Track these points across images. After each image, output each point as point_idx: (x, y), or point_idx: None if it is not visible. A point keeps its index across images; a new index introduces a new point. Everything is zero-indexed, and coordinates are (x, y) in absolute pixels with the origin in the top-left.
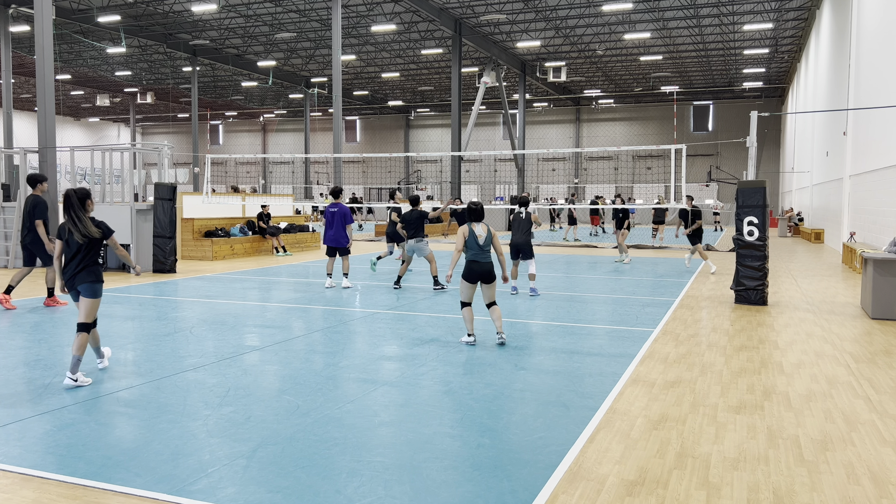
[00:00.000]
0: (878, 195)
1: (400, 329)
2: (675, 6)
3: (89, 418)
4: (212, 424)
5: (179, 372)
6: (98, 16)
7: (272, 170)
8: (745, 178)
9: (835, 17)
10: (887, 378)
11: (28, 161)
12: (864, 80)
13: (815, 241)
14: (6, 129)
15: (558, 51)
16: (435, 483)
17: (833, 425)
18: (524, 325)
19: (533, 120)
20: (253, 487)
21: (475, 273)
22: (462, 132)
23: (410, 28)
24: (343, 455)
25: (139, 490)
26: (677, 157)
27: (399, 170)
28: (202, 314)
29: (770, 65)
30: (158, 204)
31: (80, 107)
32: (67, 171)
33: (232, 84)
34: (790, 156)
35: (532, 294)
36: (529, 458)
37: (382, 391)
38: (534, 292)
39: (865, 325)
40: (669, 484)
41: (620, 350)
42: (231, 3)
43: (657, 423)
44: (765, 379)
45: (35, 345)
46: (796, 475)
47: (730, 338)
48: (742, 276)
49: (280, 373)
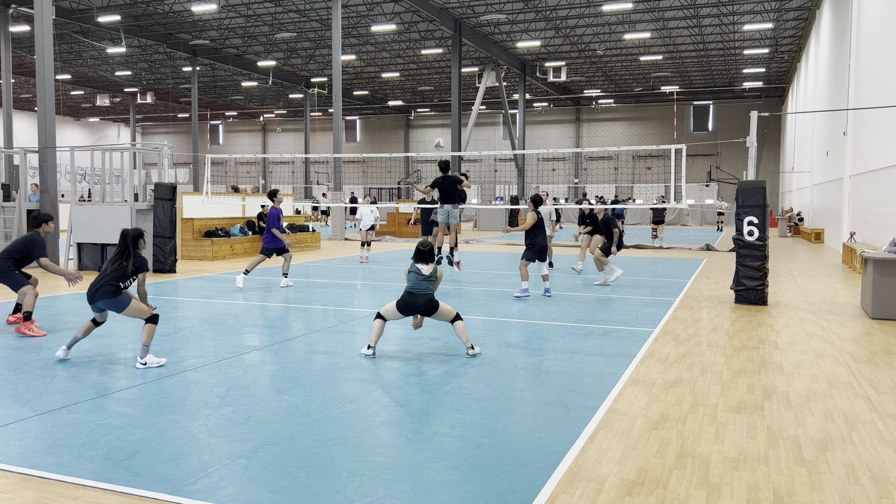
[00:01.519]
0: (878, 195)
1: (400, 329)
2: (675, 6)
3: (89, 418)
4: (212, 424)
5: (179, 372)
6: (98, 16)
7: (272, 170)
8: (745, 178)
9: (835, 18)
10: (887, 378)
11: (28, 161)
12: (864, 80)
13: (815, 241)
14: (6, 129)
15: (558, 51)
16: (435, 483)
17: (833, 425)
18: (524, 325)
19: (533, 120)
20: (253, 487)
21: (410, 306)
22: (462, 132)
23: (410, 28)
24: (343, 455)
25: (139, 490)
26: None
27: (399, 170)
28: (202, 314)
29: (770, 65)
30: (158, 204)
31: (80, 107)
32: (67, 171)
33: (232, 84)
34: (790, 156)
35: (546, 294)
36: (529, 458)
37: (382, 391)
38: (548, 292)
39: (865, 325)
40: (669, 484)
41: (620, 350)
42: (231, 3)
43: (657, 423)
44: (765, 379)
45: (35, 345)
46: (796, 475)
47: (730, 338)
48: (742, 276)
49: (280, 373)
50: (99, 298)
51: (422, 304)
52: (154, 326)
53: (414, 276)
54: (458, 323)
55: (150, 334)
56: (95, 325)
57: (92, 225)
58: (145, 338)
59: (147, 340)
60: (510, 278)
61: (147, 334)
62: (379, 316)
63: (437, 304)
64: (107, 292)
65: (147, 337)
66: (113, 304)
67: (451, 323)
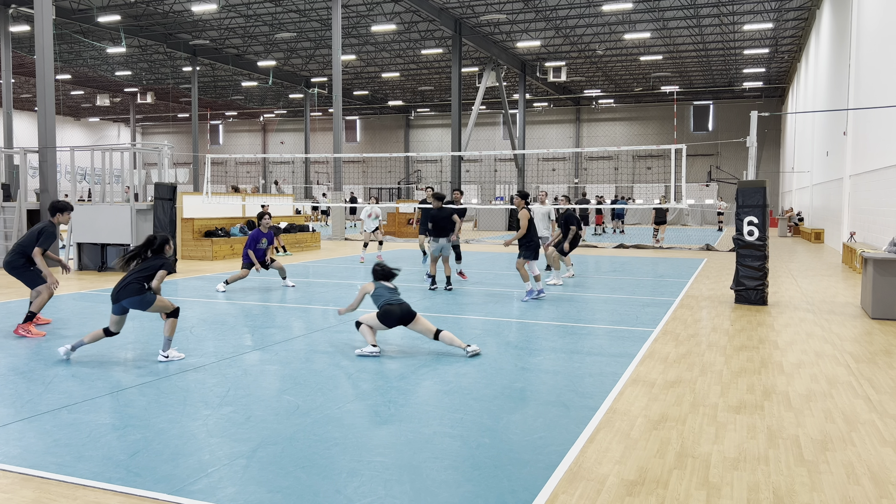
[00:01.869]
0: (878, 195)
1: (400, 328)
2: (675, 6)
3: (89, 418)
4: (212, 424)
5: (179, 372)
6: (98, 16)
7: (272, 170)
8: (745, 177)
9: (835, 18)
10: (887, 378)
11: (28, 161)
12: (864, 80)
13: (815, 241)
14: (6, 129)
15: (558, 51)
16: (435, 483)
17: (833, 425)
18: (524, 325)
19: (533, 120)
20: (253, 487)
21: (391, 316)
22: (462, 132)
23: (410, 28)
24: (343, 455)
25: (139, 490)
26: (677, 156)
27: (399, 170)
28: (202, 314)
29: (770, 65)
30: (158, 204)
31: (80, 107)
32: (67, 170)
33: (232, 84)
34: (790, 156)
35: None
36: (529, 458)
37: (382, 391)
38: (541, 293)
39: (865, 325)
40: (669, 484)
41: (620, 350)
42: (231, 3)
43: (657, 422)
44: (765, 379)
45: (35, 345)
46: (796, 475)
47: (730, 338)
48: (742, 275)
49: (280, 373)
50: (124, 296)
51: (402, 313)
52: (176, 320)
53: (383, 291)
54: (443, 334)
55: (172, 328)
56: (107, 334)
57: (92, 225)
58: (168, 332)
59: (169, 334)
60: (510, 278)
61: (169, 328)
62: (359, 324)
63: (416, 314)
64: (132, 290)
65: (169, 331)
66: (139, 303)
67: (436, 339)
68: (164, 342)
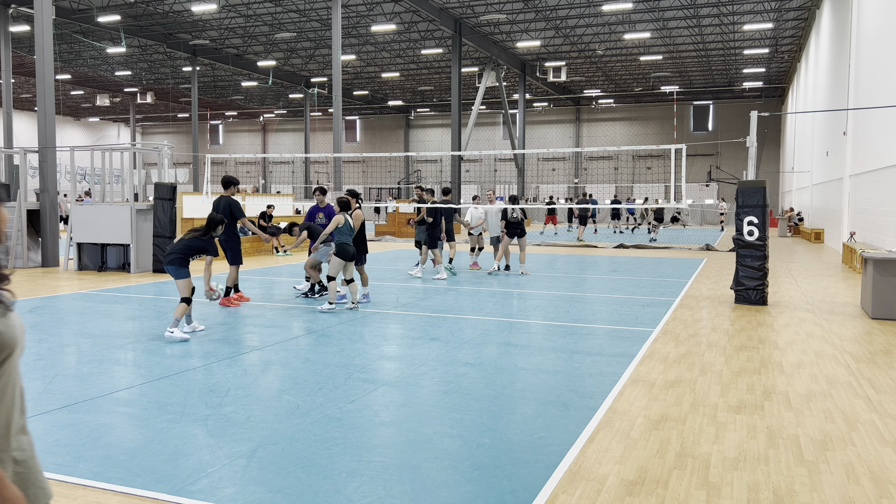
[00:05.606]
0: (878, 195)
1: (400, 329)
2: (675, 6)
3: (89, 418)
4: (212, 424)
5: (179, 372)
6: (98, 16)
7: (272, 170)
8: (745, 177)
9: (835, 17)
10: (887, 378)
11: (28, 161)
12: (864, 80)
13: (815, 241)
14: (6, 129)
15: (558, 51)
16: (435, 483)
17: (833, 425)
18: (524, 325)
19: (533, 120)
20: (253, 487)
21: (349, 253)
22: (462, 132)
23: (410, 28)
24: (343, 455)
25: (139, 490)
26: (677, 156)
27: (399, 170)
28: (202, 314)
29: (770, 65)
30: (158, 204)
31: (80, 107)
32: (67, 170)
33: (232, 84)
34: (790, 156)
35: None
36: (529, 458)
37: (382, 391)
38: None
39: (865, 325)
40: (669, 484)
41: (620, 350)
42: (231, 3)
43: (657, 422)
44: (765, 379)
45: (34, 345)
46: (796, 475)
47: (730, 338)
48: (742, 275)
49: (280, 373)
50: (168, 263)
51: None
52: (185, 306)
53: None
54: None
55: (181, 311)
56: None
57: (92, 225)
58: (177, 313)
59: (178, 315)
60: (510, 278)
61: (179, 310)
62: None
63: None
64: (175, 261)
65: (179, 312)
66: (175, 272)
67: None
68: (172, 320)
